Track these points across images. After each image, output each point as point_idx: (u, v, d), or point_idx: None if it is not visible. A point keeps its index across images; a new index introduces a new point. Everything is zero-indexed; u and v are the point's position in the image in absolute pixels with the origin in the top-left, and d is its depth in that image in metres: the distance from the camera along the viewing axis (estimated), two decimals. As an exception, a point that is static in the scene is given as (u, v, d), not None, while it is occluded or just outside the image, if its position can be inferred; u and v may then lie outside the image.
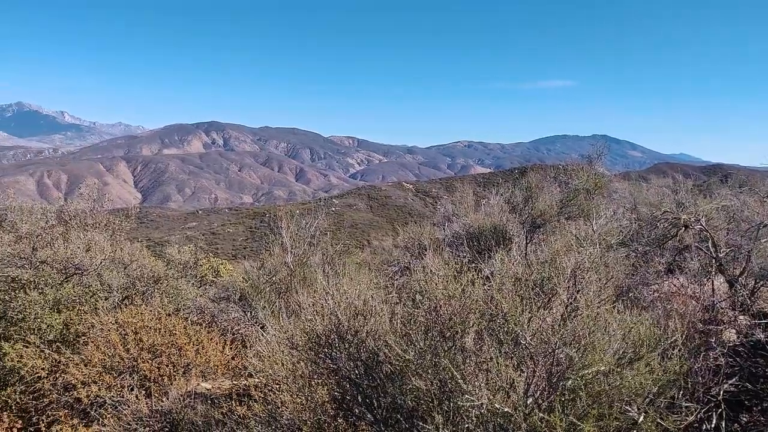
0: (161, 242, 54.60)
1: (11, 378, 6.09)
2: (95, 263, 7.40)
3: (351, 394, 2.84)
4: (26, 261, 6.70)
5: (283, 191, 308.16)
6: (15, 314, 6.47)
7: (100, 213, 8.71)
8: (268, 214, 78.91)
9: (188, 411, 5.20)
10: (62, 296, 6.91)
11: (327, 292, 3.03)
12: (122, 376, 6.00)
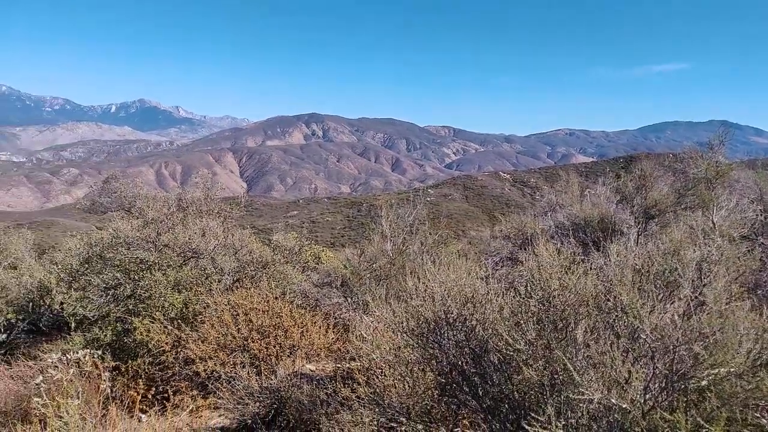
0: (265, 229, 57.16)
1: (141, 350, 6.67)
2: (210, 248, 7.91)
3: (457, 381, 2.90)
4: (152, 244, 7.31)
5: (379, 181, 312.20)
6: (143, 292, 7.10)
7: (213, 201, 9.27)
8: (364, 204, 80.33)
9: (295, 390, 5.46)
10: (182, 278, 7.46)
11: (437, 279, 3.10)
12: (234, 353, 6.38)
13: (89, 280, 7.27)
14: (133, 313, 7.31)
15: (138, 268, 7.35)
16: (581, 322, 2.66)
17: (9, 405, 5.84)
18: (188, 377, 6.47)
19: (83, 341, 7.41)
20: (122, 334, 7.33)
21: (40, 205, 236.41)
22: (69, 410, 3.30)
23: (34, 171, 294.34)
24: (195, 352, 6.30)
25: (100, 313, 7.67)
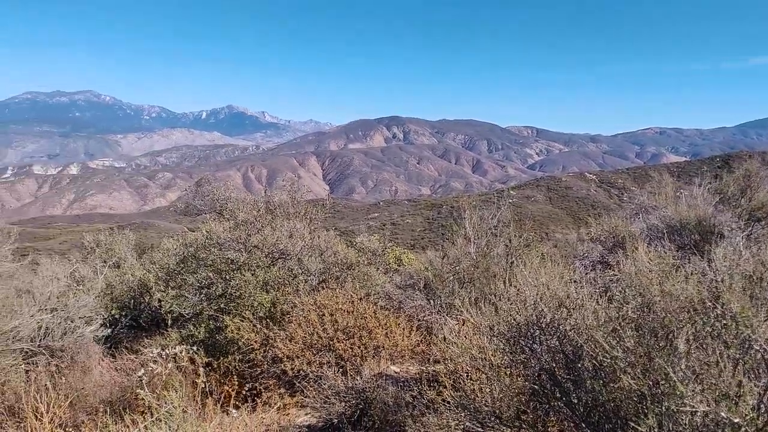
0: (346, 231, 58.14)
1: (231, 347, 6.93)
2: (297, 249, 8.11)
3: (548, 386, 2.80)
4: (242, 245, 7.58)
5: (459, 183, 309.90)
6: (233, 292, 7.38)
7: (300, 203, 9.50)
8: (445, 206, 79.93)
9: (380, 391, 5.49)
10: (270, 278, 7.69)
11: (528, 282, 3.01)
12: (320, 353, 6.49)
13: (185, 279, 7.65)
14: (224, 311, 7.60)
15: (229, 268, 7.65)
16: (683, 329, 2.50)
17: (114, 395, 6.21)
18: (276, 375, 6.65)
19: (179, 337, 7.78)
20: (214, 331, 7.63)
21: (138, 207, 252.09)
22: (173, 401, 3.47)
23: (133, 176, 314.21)
24: (283, 350, 6.46)
25: (194, 311, 8.04)
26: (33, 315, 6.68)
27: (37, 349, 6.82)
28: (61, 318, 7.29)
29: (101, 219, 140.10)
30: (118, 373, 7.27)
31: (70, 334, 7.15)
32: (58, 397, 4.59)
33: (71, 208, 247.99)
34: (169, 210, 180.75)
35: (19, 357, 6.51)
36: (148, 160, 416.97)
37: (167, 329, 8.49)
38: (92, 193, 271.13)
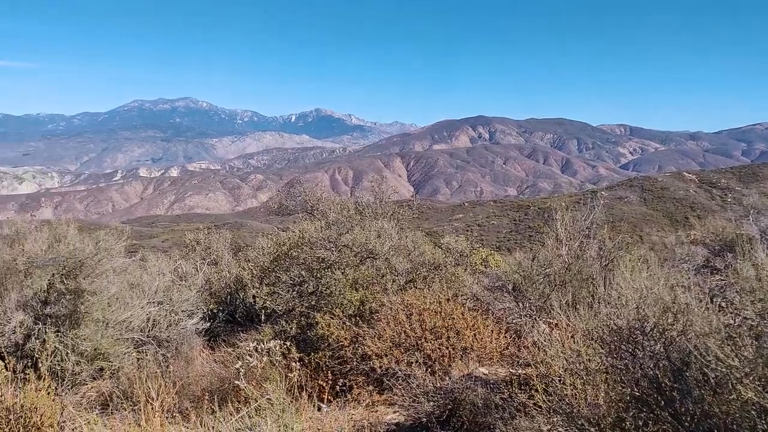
0: (431, 232, 58.05)
1: (322, 344, 7.12)
2: (385, 249, 8.21)
3: (652, 395, 2.68)
4: (332, 245, 7.78)
5: (547, 183, 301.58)
6: (324, 289, 7.59)
7: (387, 204, 9.61)
8: (532, 207, 78.01)
9: (469, 392, 5.45)
10: (359, 276, 7.84)
11: (630, 286, 2.90)
12: (408, 352, 6.54)
13: (278, 277, 7.94)
14: (315, 308, 7.82)
15: (320, 266, 7.86)
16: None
17: (214, 385, 6.55)
18: (365, 372, 6.75)
19: (272, 333, 8.08)
20: (305, 328, 7.87)
21: (232, 208, 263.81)
22: (273, 393, 3.62)
23: (227, 177, 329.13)
24: (371, 348, 6.56)
25: (286, 308, 8.32)
26: (143, 307, 7.17)
27: (146, 339, 7.31)
28: (167, 311, 7.77)
29: (198, 219, 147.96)
30: (217, 364, 7.65)
31: (175, 326, 7.62)
32: (166, 385, 4.89)
33: (172, 208, 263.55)
34: (260, 210, 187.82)
35: (131, 345, 7.01)
36: (241, 162, 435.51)
37: (261, 324, 8.83)
38: (190, 194, 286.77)
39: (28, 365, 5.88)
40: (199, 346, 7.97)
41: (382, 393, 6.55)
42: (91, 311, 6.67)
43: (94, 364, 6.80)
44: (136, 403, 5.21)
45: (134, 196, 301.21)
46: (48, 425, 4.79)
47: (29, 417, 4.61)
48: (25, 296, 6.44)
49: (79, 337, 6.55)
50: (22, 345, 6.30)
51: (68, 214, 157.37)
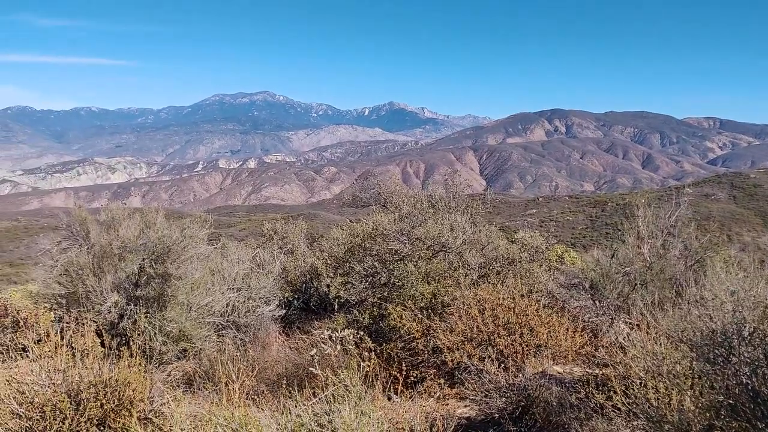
0: (503, 227, 57.14)
1: (393, 335, 7.19)
2: (457, 242, 8.17)
3: (749, 404, 2.53)
4: (405, 237, 7.82)
5: (627, 179, 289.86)
6: (396, 281, 7.65)
7: (460, 197, 9.55)
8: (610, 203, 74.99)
9: (543, 390, 5.36)
10: (431, 269, 7.84)
11: (726, 287, 2.76)
12: (481, 347, 6.49)
13: (352, 267, 8.07)
14: (387, 299, 7.90)
15: (392, 258, 7.93)
16: None
17: (289, 371, 6.75)
18: (436, 365, 6.77)
19: (345, 322, 8.23)
20: (378, 318, 7.96)
21: (306, 199, 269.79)
22: (349, 380, 3.71)
23: (302, 170, 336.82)
24: (443, 341, 6.56)
25: (359, 298, 8.45)
26: (223, 293, 7.49)
27: (225, 323, 7.63)
28: (245, 297, 8.07)
29: (273, 209, 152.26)
30: (292, 350, 7.88)
31: (252, 312, 7.90)
32: (245, 368, 5.10)
33: (249, 198, 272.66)
34: (333, 202, 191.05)
35: (212, 329, 7.34)
36: (315, 155, 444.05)
37: (334, 313, 9.01)
38: (266, 185, 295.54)
39: (121, 343, 6.26)
40: (275, 332, 8.23)
41: (453, 386, 6.55)
42: (176, 295, 7.03)
43: (179, 344, 7.17)
44: (217, 384, 5.46)
45: (214, 186, 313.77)
46: (139, 399, 5.09)
47: (123, 390, 4.92)
48: (119, 278, 6.87)
49: (165, 318, 6.92)
50: (116, 324, 6.73)
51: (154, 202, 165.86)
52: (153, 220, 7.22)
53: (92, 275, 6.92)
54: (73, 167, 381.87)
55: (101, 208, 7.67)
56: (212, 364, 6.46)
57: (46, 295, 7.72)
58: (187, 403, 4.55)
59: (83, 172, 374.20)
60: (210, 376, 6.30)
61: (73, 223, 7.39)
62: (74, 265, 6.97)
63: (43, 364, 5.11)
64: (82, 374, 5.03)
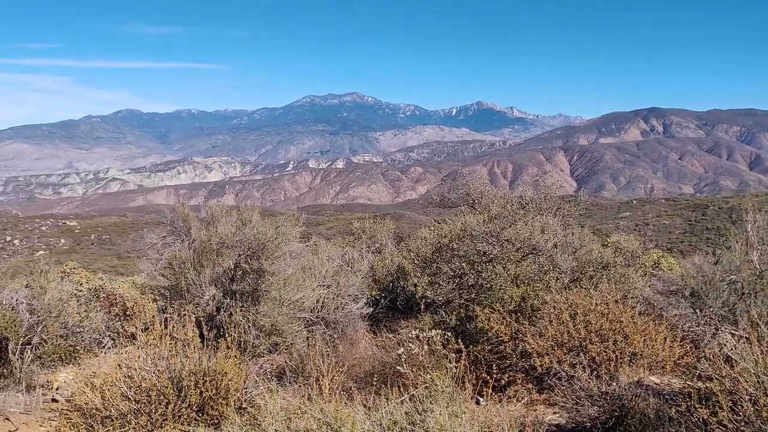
0: (595, 230, 55.05)
1: (480, 337, 7.12)
2: (548, 245, 7.98)
3: None
4: (494, 238, 7.73)
5: (731, 181, 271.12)
6: (484, 283, 7.57)
7: (552, 199, 9.32)
8: (711, 206, 70.49)
9: (639, 401, 5.15)
10: (520, 272, 7.70)
11: None
12: (572, 353, 6.31)
13: (439, 268, 8.08)
14: (474, 301, 7.83)
15: (481, 260, 7.86)
16: None
17: (376, 368, 6.85)
18: (524, 370, 6.65)
19: (432, 322, 8.25)
20: (465, 320, 7.91)
21: (391, 199, 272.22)
22: (442, 380, 3.73)
23: (388, 170, 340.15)
24: (532, 346, 6.42)
25: (446, 299, 8.44)
26: (314, 289, 7.71)
27: (315, 319, 7.85)
28: (334, 294, 8.27)
29: (360, 209, 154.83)
30: (378, 348, 7.98)
31: (341, 309, 8.08)
32: (334, 364, 5.23)
33: (337, 198, 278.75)
34: (419, 202, 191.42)
35: (302, 324, 7.58)
36: (402, 155, 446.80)
37: (420, 313, 9.05)
38: (354, 185, 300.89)
39: (217, 335, 6.60)
40: (363, 330, 8.37)
41: (542, 392, 6.41)
42: (269, 290, 7.32)
43: (271, 338, 7.46)
44: (307, 378, 5.64)
45: (303, 185, 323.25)
46: (234, 389, 5.35)
47: (220, 380, 5.19)
48: (216, 273, 7.24)
49: (259, 312, 7.22)
50: (213, 316, 7.10)
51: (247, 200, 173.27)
52: (249, 217, 7.55)
53: (192, 269, 7.33)
54: (174, 166, 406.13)
55: (201, 206, 8.12)
56: (302, 359, 6.67)
57: (152, 287, 8.27)
58: (280, 396, 4.73)
59: (183, 171, 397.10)
60: (300, 371, 6.51)
61: (176, 219, 7.86)
62: (177, 259, 7.41)
63: (149, 351, 5.47)
64: (184, 362, 5.34)
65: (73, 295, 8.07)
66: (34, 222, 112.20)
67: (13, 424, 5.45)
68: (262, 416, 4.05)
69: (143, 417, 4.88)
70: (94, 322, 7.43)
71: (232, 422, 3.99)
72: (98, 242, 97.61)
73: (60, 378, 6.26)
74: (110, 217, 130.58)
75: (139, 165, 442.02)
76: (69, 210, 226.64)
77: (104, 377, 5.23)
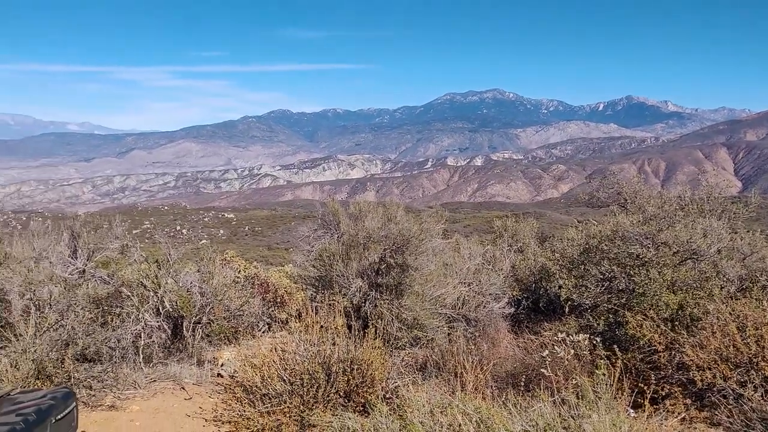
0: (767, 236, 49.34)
1: (631, 345, 6.71)
2: (711, 250, 7.32)
3: None
4: (649, 241, 7.23)
5: None
6: (637, 288, 7.12)
7: (716, 200, 8.54)
8: None
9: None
10: (678, 278, 7.14)
11: None
12: (739, 369, 5.75)
13: (587, 270, 7.72)
14: (625, 306, 7.39)
15: (633, 263, 7.39)
16: None
17: (517, 370, 6.73)
18: (681, 383, 6.17)
19: (577, 326, 7.92)
20: (614, 325, 7.50)
21: (531, 198, 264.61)
22: (600, 386, 3.59)
23: (528, 167, 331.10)
24: (691, 358, 5.94)
25: (593, 302, 8.04)
26: (455, 286, 7.74)
27: (456, 316, 7.88)
28: (475, 292, 8.24)
29: (498, 207, 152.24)
30: (520, 349, 7.83)
31: (482, 308, 8.03)
32: (476, 362, 5.22)
33: (474, 195, 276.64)
34: (560, 201, 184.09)
35: (443, 320, 7.64)
36: (544, 152, 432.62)
37: (564, 316, 8.73)
38: (492, 182, 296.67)
39: (363, 325, 6.86)
40: (504, 330, 8.26)
41: (702, 409, 5.91)
42: (412, 285, 7.47)
43: (412, 332, 7.61)
44: (450, 373, 5.68)
45: (441, 183, 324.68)
46: (379, 378, 5.54)
47: (366, 369, 5.40)
48: (362, 266, 7.53)
49: (402, 306, 7.39)
50: (359, 307, 7.39)
51: (387, 197, 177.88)
52: (394, 213, 7.75)
53: (341, 261, 7.67)
54: (319, 163, 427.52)
55: (350, 202, 8.49)
56: (443, 354, 6.72)
57: (302, 277, 8.78)
58: (424, 389, 4.82)
59: (327, 168, 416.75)
60: (441, 366, 6.57)
61: (326, 214, 8.29)
62: (326, 252, 7.81)
63: (301, 337, 5.83)
64: (333, 350, 5.63)
65: (234, 282, 8.81)
66: (199, 214, 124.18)
67: (188, 393, 6.08)
68: (408, 407, 4.15)
69: (296, 398, 5.21)
70: (252, 307, 8.06)
71: (380, 411, 4.13)
72: (251, 233, 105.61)
73: (224, 356, 6.87)
74: (262, 210, 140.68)
75: (288, 162, 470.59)
76: (227, 203, 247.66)
77: (263, 358, 5.66)
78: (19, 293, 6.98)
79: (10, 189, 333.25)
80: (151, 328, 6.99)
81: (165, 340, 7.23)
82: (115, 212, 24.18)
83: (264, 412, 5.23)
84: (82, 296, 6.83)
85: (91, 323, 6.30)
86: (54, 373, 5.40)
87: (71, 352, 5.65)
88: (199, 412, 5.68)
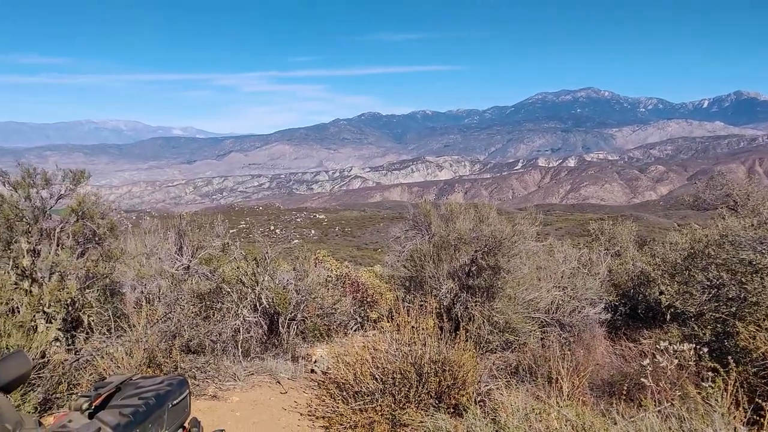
0: None
1: (742, 357, 6.27)
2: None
3: None
4: (764, 246, 6.74)
5: None
6: (749, 296, 6.64)
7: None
8: None
9: None
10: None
11: None
12: None
13: (692, 276, 7.29)
14: (735, 316, 6.92)
15: (745, 270, 6.90)
16: None
17: (614, 378, 6.47)
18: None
19: (680, 335, 7.50)
20: (721, 335, 7.05)
21: (627, 200, 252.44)
22: (717, 399, 3.41)
23: (624, 168, 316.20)
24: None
25: (698, 310, 7.58)
26: (549, 290, 7.55)
27: (549, 321, 7.68)
28: (569, 297, 7.99)
29: (592, 209, 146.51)
30: (617, 357, 7.52)
31: (577, 313, 7.78)
32: (576, 367, 5.07)
33: (567, 197, 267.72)
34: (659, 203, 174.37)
35: (536, 325, 7.47)
36: (641, 152, 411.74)
37: (665, 324, 8.28)
38: (585, 184, 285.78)
39: (454, 328, 6.84)
40: (600, 336, 7.96)
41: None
42: (504, 287, 7.36)
43: (504, 335, 7.49)
44: (541, 379, 5.55)
45: (532, 184, 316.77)
46: (471, 381, 5.51)
47: (457, 371, 5.38)
48: (453, 267, 7.51)
49: (493, 309, 7.30)
50: (449, 309, 7.37)
51: (475, 198, 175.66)
52: (486, 215, 7.68)
53: (432, 262, 7.69)
54: (408, 165, 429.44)
55: (442, 203, 8.49)
56: (536, 359, 6.58)
57: (394, 277, 8.88)
58: (518, 393, 4.74)
59: (416, 169, 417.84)
60: (534, 371, 6.43)
61: (418, 214, 8.33)
62: (418, 252, 7.85)
63: (393, 337, 5.90)
64: (424, 351, 5.65)
65: (326, 281, 9.06)
66: (291, 214, 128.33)
67: (283, 387, 6.32)
68: (502, 411, 4.10)
69: (388, 397, 5.28)
70: (344, 306, 8.25)
71: (474, 414, 4.11)
72: (341, 234, 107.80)
73: (317, 352, 7.07)
74: (351, 211, 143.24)
75: (377, 164, 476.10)
76: (318, 204, 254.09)
77: (355, 356, 5.78)
78: (132, 286, 7.55)
79: (123, 190, 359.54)
80: (249, 324, 7.33)
81: (261, 336, 7.55)
82: (215, 212, 25.83)
83: (357, 410, 5.33)
84: (187, 291, 7.27)
85: (195, 317, 6.69)
86: (163, 362, 5.79)
87: (178, 343, 6.03)
88: (294, 406, 5.88)
